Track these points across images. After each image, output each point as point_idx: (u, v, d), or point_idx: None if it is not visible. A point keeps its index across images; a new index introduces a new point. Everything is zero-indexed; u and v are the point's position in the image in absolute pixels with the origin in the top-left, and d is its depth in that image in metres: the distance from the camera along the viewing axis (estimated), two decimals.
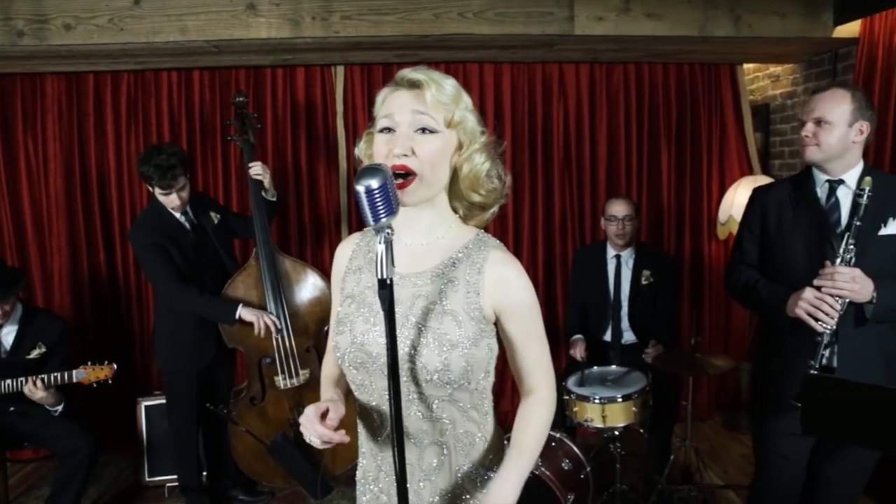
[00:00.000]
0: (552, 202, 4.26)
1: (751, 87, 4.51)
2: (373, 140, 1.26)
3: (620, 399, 2.90)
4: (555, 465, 2.74)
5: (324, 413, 1.26)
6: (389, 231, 1.07)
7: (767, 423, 2.24)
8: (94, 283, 4.09)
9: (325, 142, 4.11)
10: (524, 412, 1.34)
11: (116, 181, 4.04)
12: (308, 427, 1.23)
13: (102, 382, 3.03)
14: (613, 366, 3.29)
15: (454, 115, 1.24)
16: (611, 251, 3.53)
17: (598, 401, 2.91)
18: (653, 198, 4.31)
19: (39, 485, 3.65)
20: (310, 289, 3.25)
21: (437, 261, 1.28)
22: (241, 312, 3.03)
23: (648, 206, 4.29)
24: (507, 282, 1.26)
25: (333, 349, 1.32)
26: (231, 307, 3.05)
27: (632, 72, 4.19)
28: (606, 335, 3.50)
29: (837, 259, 1.96)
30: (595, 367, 3.27)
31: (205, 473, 3.42)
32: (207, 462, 3.41)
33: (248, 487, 3.45)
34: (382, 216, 1.06)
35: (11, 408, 3.03)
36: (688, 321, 4.28)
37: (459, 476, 1.31)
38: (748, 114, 4.27)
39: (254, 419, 3.19)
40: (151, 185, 2.99)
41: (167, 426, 3.36)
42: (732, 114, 4.27)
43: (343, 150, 4.08)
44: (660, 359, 3.19)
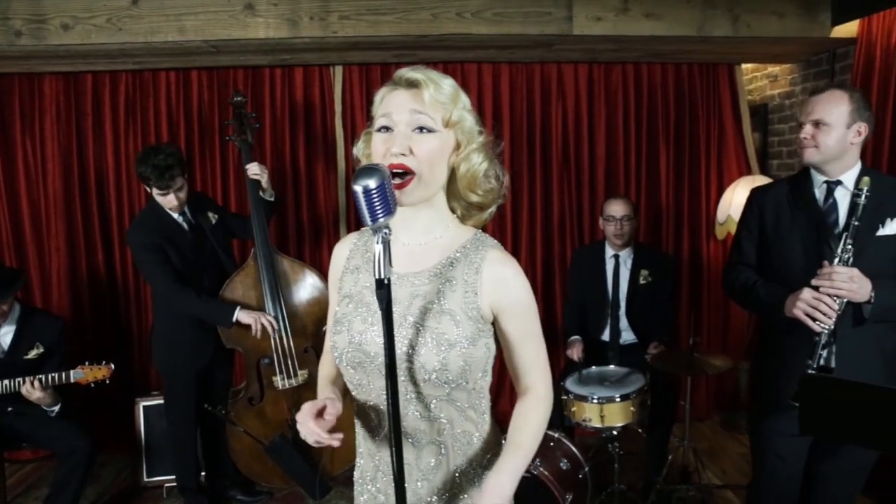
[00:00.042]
0: (551, 202, 4.26)
1: (749, 87, 4.51)
2: (371, 139, 1.26)
3: (619, 399, 2.91)
4: (553, 465, 2.74)
5: (321, 410, 1.26)
6: (387, 231, 1.08)
7: (765, 423, 2.24)
8: (93, 284, 4.08)
9: (324, 142, 4.11)
10: (521, 410, 1.34)
11: (115, 181, 4.03)
12: (302, 424, 1.23)
13: (100, 382, 3.03)
14: (612, 366, 3.28)
15: (452, 115, 1.24)
16: (609, 251, 3.53)
17: (597, 400, 2.91)
18: (651, 198, 4.31)
19: (38, 485, 3.64)
20: (308, 289, 3.25)
21: (435, 260, 1.28)
22: (239, 315, 3.02)
23: (647, 206, 4.30)
24: (505, 281, 1.26)
25: (331, 349, 1.32)
26: (228, 309, 3.04)
27: (630, 72, 4.20)
28: (605, 335, 3.51)
29: (835, 259, 1.96)
30: (593, 367, 3.26)
31: (203, 474, 3.43)
32: (206, 462, 3.41)
33: (247, 487, 3.45)
34: (380, 216, 1.06)
35: (9, 408, 3.03)
36: (686, 321, 4.28)
37: (457, 476, 1.31)
38: (746, 114, 4.27)
39: (252, 419, 3.19)
40: (149, 186, 2.98)
41: (165, 426, 3.36)
42: (731, 114, 4.28)
43: (341, 150, 4.08)
44: (658, 359, 3.19)
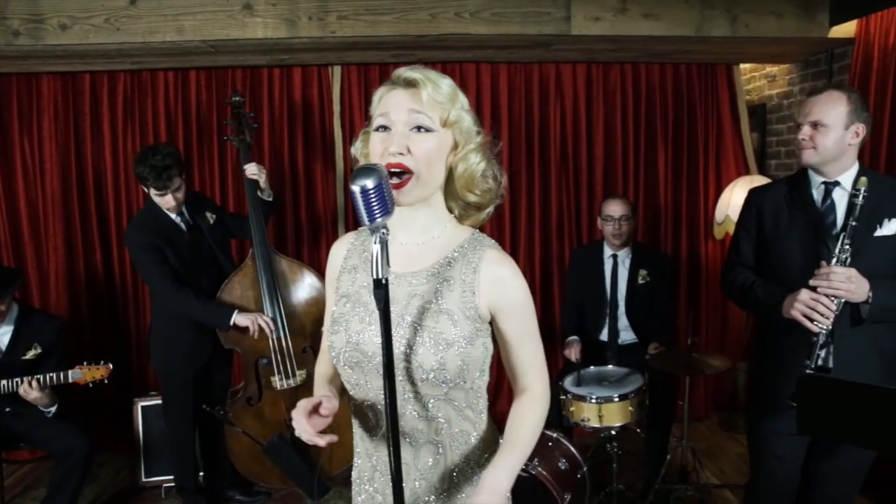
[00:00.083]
0: (549, 202, 4.26)
1: (747, 87, 4.52)
2: (369, 139, 1.26)
3: (617, 399, 2.91)
4: (551, 465, 2.74)
5: (316, 407, 1.25)
6: (385, 231, 1.07)
7: (763, 423, 2.24)
8: (91, 284, 4.08)
9: (322, 142, 4.11)
10: (518, 409, 1.33)
11: (113, 181, 4.03)
12: (297, 421, 1.22)
13: (98, 382, 3.03)
14: (610, 366, 3.29)
15: (450, 115, 1.24)
16: (607, 251, 3.53)
17: (595, 400, 2.91)
18: (649, 198, 4.31)
19: (36, 485, 3.64)
20: (306, 289, 3.25)
21: (433, 260, 1.28)
22: (236, 319, 3.02)
23: (645, 206, 4.30)
24: (503, 281, 1.26)
25: (328, 349, 1.32)
26: (226, 312, 3.04)
27: (628, 72, 4.20)
28: (603, 335, 3.51)
29: (833, 259, 1.96)
30: (592, 367, 3.26)
31: (201, 474, 3.42)
32: (204, 462, 3.40)
33: (245, 488, 3.45)
34: (378, 216, 1.06)
35: (7, 408, 3.02)
36: (684, 321, 4.28)
37: (455, 475, 1.31)
38: (745, 114, 4.27)
39: (250, 420, 3.19)
40: (147, 186, 2.98)
41: (164, 426, 3.36)
42: (729, 114, 4.28)
43: (340, 150, 4.08)
44: (656, 358, 3.20)
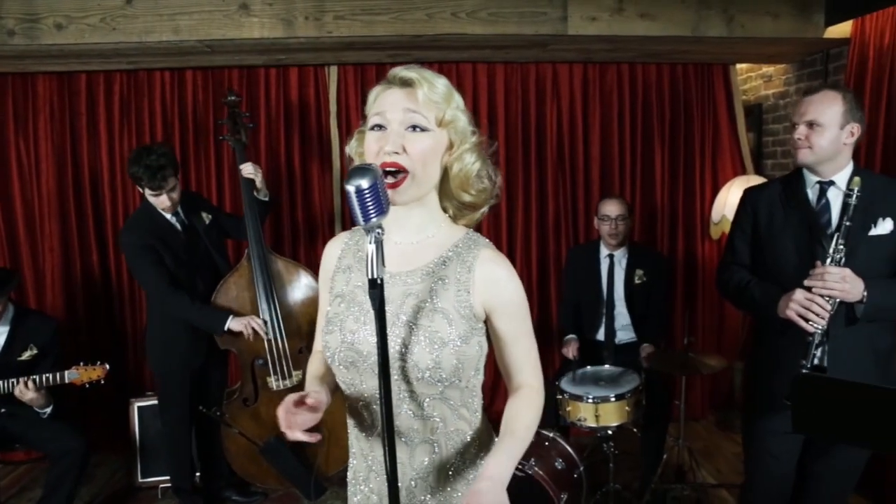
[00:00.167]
0: (546, 202, 4.27)
1: (743, 87, 4.52)
2: (364, 138, 1.26)
3: (613, 398, 2.91)
4: (548, 465, 2.74)
5: (304, 400, 1.22)
6: (380, 231, 1.07)
7: (759, 422, 2.25)
8: (87, 284, 4.07)
9: (319, 142, 4.11)
10: (514, 403, 1.32)
11: (109, 181, 4.02)
12: (280, 418, 1.20)
13: (95, 383, 3.02)
14: (607, 365, 3.29)
15: (445, 114, 1.24)
16: (604, 251, 3.53)
17: (592, 400, 2.92)
18: (646, 197, 4.32)
19: (31, 486, 3.63)
20: (303, 289, 3.24)
21: (428, 259, 1.28)
22: (231, 324, 3.01)
23: (642, 206, 4.30)
24: (497, 281, 1.26)
25: (323, 349, 1.31)
26: (221, 317, 3.03)
27: (625, 72, 4.20)
28: (599, 334, 3.51)
29: (828, 259, 1.96)
30: (588, 367, 3.27)
31: (198, 474, 3.42)
32: (200, 463, 3.40)
33: (242, 488, 3.44)
34: (373, 216, 1.06)
35: (2, 409, 3.01)
36: (681, 321, 4.27)
37: (451, 474, 1.31)
38: (741, 114, 4.28)
39: (247, 420, 3.18)
40: (141, 187, 2.97)
41: (160, 427, 3.35)
42: (725, 114, 4.29)
43: (336, 151, 4.08)
44: (653, 358, 3.20)
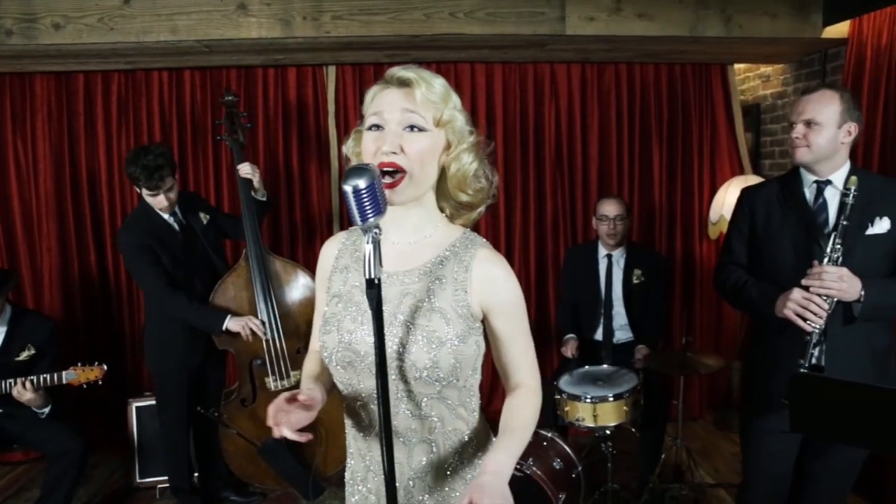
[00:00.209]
0: (544, 202, 4.27)
1: (741, 88, 4.53)
2: (361, 138, 1.26)
3: (612, 398, 2.91)
4: (546, 465, 2.74)
5: (296, 398, 1.22)
6: (377, 231, 1.07)
7: (757, 422, 2.25)
8: (85, 284, 4.07)
9: (317, 142, 4.11)
10: (513, 402, 1.32)
11: (107, 181, 4.01)
12: (269, 413, 1.19)
13: (92, 383, 3.01)
14: (605, 365, 3.29)
15: (443, 114, 1.24)
16: (602, 251, 3.53)
17: (590, 400, 2.91)
18: (644, 197, 4.32)
19: (29, 486, 3.62)
20: (300, 289, 3.24)
21: (425, 259, 1.28)
22: (228, 324, 3.01)
23: (640, 206, 4.30)
24: (494, 280, 1.26)
25: (320, 349, 1.31)
26: (219, 317, 3.03)
27: (623, 72, 4.20)
28: (598, 334, 3.51)
29: (825, 258, 1.97)
30: (586, 367, 3.27)
31: (196, 474, 3.42)
32: (198, 463, 3.40)
33: (240, 488, 3.44)
34: (370, 216, 1.06)
35: (0, 409, 3.01)
36: (679, 321, 4.28)
37: (448, 474, 1.31)
38: (739, 114, 4.28)
39: (245, 421, 3.18)
40: (139, 187, 2.97)
41: (158, 427, 3.34)
42: (723, 114, 4.29)
43: (335, 151, 4.07)
44: (651, 358, 3.20)
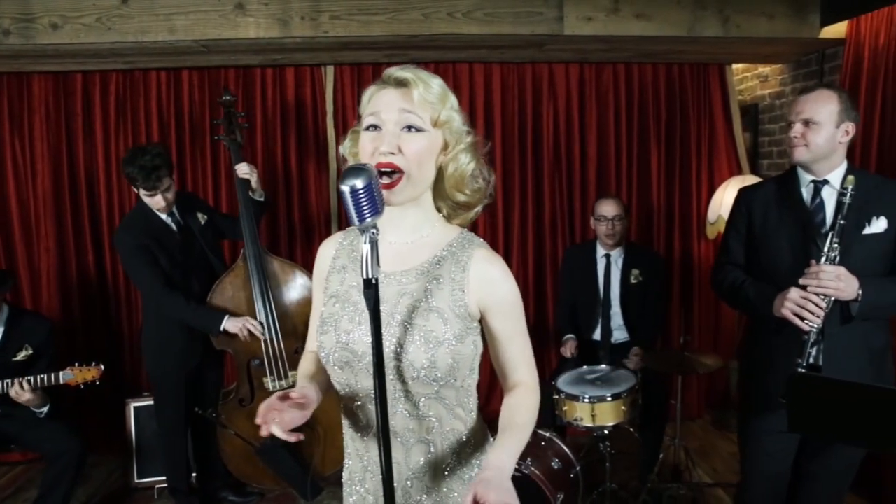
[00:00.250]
0: (542, 202, 4.27)
1: (739, 88, 4.53)
2: (358, 138, 1.26)
3: (610, 398, 2.91)
4: (544, 464, 2.74)
5: (289, 395, 1.22)
6: (374, 231, 1.07)
7: (754, 421, 2.25)
8: (83, 284, 4.06)
9: (315, 142, 4.10)
10: (512, 400, 1.32)
11: (105, 181, 4.01)
12: (260, 411, 1.18)
13: (90, 383, 3.01)
14: (603, 365, 3.29)
15: (440, 115, 1.24)
16: (600, 251, 3.54)
17: (588, 400, 2.91)
18: (642, 197, 4.32)
19: (27, 487, 3.62)
20: (298, 289, 3.24)
21: (423, 259, 1.28)
22: (226, 325, 3.01)
23: (638, 206, 4.31)
24: (492, 280, 1.26)
25: (318, 349, 1.31)
26: (216, 317, 3.03)
27: (621, 72, 4.21)
28: (596, 334, 3.51)
29: (822, 258, 1.97)
30: (584, 367, 3.27)
31: (194, 475, 3.41)
32: (196, 463, 3.39)
33: (238, 488, 3.44)
34: (367, 216, 1.06)
35: None
36: (677, 320, 4.30)
37: (446, 474, 1.31)
38: (737, 114, 4.29)
39: (243, 421, 3.17)
40: (136, 187, 2.96)
41: (156, 427, 3.34)
42: (721, 114, 4.29)
43: (333, 151, 4.07)
44: (649, 358, 3.20)
